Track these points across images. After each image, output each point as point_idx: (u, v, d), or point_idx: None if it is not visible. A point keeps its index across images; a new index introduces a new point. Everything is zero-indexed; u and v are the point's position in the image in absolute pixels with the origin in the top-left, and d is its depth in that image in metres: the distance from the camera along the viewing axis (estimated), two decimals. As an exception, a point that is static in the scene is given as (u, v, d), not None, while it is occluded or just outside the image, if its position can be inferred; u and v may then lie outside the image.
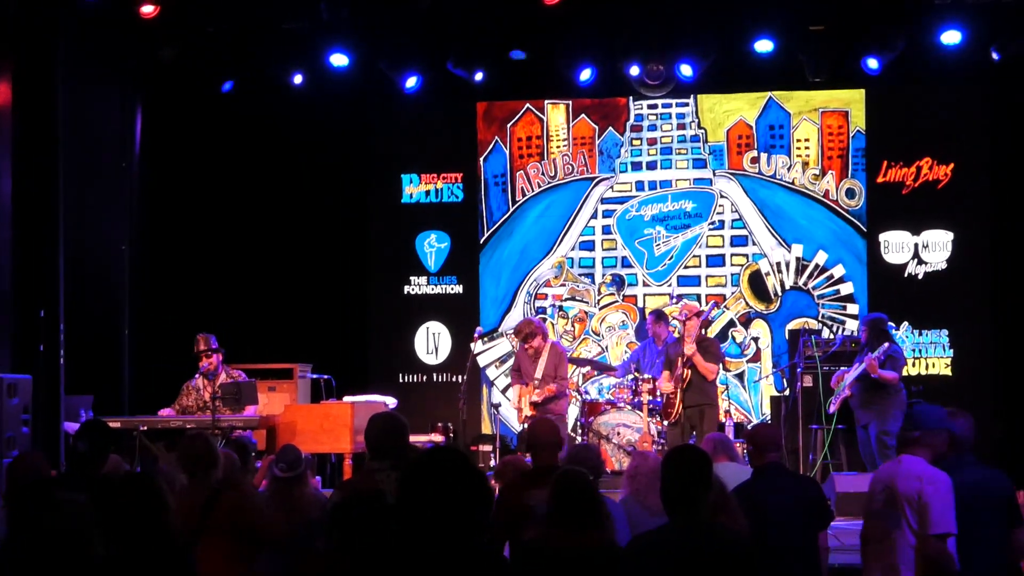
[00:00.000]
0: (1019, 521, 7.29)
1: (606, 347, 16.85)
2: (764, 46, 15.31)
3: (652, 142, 16.85)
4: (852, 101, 16.45)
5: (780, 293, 16.51)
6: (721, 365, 15.46)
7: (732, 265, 16.63)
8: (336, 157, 17.13)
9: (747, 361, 16.53)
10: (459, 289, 17.17)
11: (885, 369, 13.50)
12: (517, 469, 8.18)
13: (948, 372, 16.09)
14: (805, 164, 16.50)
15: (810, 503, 7.57)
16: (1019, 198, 15.81)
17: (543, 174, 17.03)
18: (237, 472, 7.81)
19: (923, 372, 16.02)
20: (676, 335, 14.08)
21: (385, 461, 7.01)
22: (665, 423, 13.90)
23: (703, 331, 14.25)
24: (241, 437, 12.63)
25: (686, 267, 16.71)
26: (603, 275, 16.91)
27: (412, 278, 17.22)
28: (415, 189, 17.26)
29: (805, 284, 16.44)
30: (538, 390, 13.81)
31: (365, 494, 6.38)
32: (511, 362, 14.83)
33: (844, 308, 16.32)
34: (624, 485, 8.37)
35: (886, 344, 13.54)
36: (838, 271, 16.37)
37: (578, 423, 15.06)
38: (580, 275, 16.96)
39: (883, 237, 16.33)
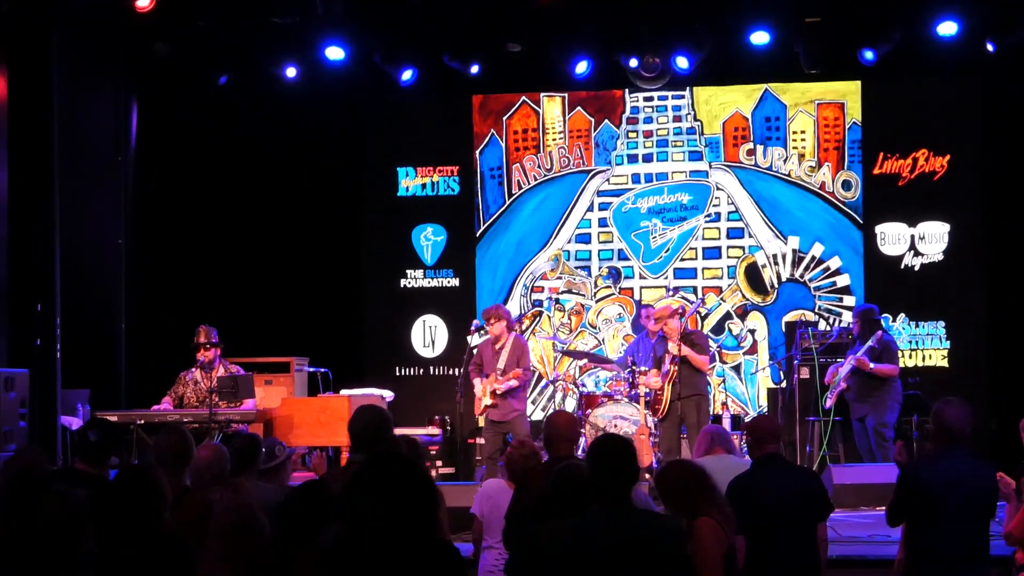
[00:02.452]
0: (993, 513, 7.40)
1: (603, 340, 16.85)
2: (760, 38, 15.29)
3: (648, 134, 16.85)
4: (848, 93, 16.45)
5: (776, 285, 16.51)
6: (716, 356, 15.50)
7: (728, 257, 16.63)
8: (332, 151, 17.12)
9: (744, 353, 16.53)
10: (455, 282, 17.18)
11: (881, 362, 13.53)
12: (527, 460, 8.10)
13: (945, 364, 16.10)
14: (801, 156, 16.50)
15: (809, 494, 7.56)
16: (1015, 189, 15.82)
17: (539, 167, 17.02)
18: (227, 468, 7.75)
19: (920, 364, 16.04)
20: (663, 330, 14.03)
21: (367, 454, 7.01)
22: (656, 418, 13.92)
23: (699, 324, 14.26)
24: (243, 431, 12.66)
25: (682, 259, 16.70)
26: (599, 268, 16.91)
27: (408, 271, 17.22)
28: (411, 182, 17.26)
29: (801, 276, 16.44)
30: (500, 378, 13.76)
31: (311, 487, 6.36)
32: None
33: (841, 300, 16.32)
34: None
35: (879, 332, 13.57)
36: (834, 263, 16.37)
37: (575, 416, 15.03)
38: (576, 268, 16.95)
39: (879, 229, 16.33)
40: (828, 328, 15.60)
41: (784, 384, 15.42)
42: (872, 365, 13.50)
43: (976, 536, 7.29)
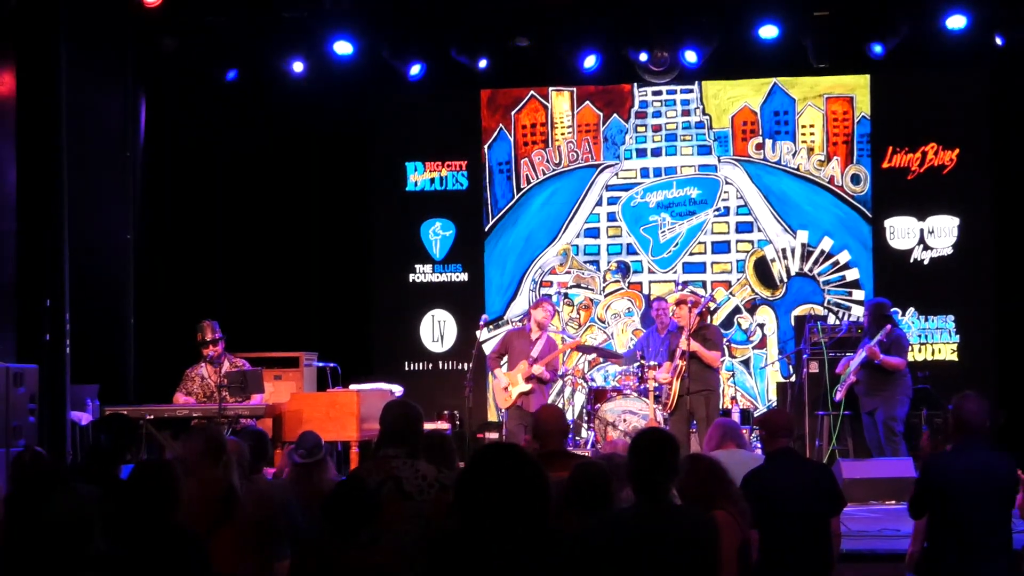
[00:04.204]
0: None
1: (611, 334, 16.85)
2: (768, 32, 15.29)
3: (657, 128, 16.83)
4: (857, 87, 16.42)
5: (786, 279, 16.50)
6: (727, 351, 15.46)
7: (737, 252, 16.63)
8: (340, 146, 17.13)
9: (753, 347, 16.52)
10: (464, 277, 17.17)
11: (890, 355, 13.48)
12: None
13: (955, 358, 16.08)
14: (810, 150, 16.48)
15: (822, 489, 7.56)
16: (1024, 183, 15.82)
17: (548, 161, 17.01)
18: (246, 462, 7.77)
19: (929, 358, 16.02)
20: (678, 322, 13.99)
21: (401, 448, 7.00)
22: (664, 413, 13.91)
23: (709, 319, 14.22)
24: (250, 426, 12.66)
25: (691, 254, 16.69)
26: (608, 262, 16.90)
27: (417, 266, 17.22)
28: (419, 177, 17.25)
29: (811, 270, 16.42)
30: (537, 364, 13.78)
31: (351, 483, 6.37)
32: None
33: (850, 294, 16.31)
34: None
35: (888, 327, 13.52)
36: (843, 257, 16.36)
37: (584, 410, 15.05)
38: (585, 262, 16.95)
39: (888, 223, 16.31)
40: (837, 322, 15.57)
41: (793, 378, 15.42)
42: (881, 356, 13.46)
43: (998, 527, 7.30)
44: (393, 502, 6.55)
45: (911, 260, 16.22)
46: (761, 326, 16.52)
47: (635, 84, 16.76)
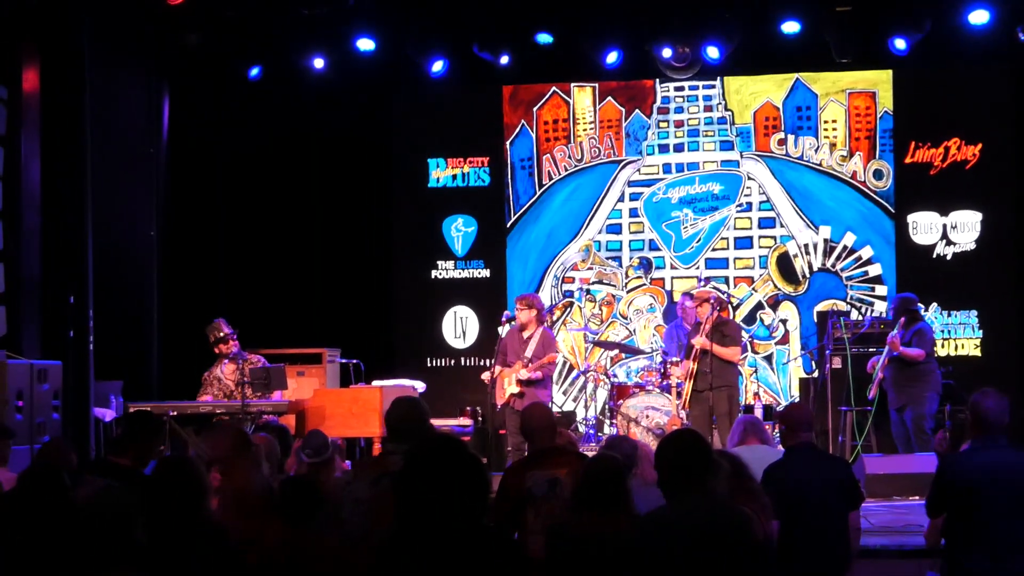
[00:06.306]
0: None
1: (634, 330, 16.83)
2: (791, 27, 15.29)
3: (679, 124, 16.82)
4: (879, 82, 16.39)
5: (808, 275, 16.47)
6: (749, 346, 15.45)
7: (760, 247, 16.60)
8: (362, 142, 17.15)
9: (775, 343, 16.50)
10: (486, 273, 17.18)
11: (911, 347, 13.43)
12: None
13: (978, 353, 16.03)
14: (832, 145, 16.45)
15: (841, 484, 7.56)
16: (1048, 178, 15.77)
17: (570, 157, 17.01)
18: (276, 458, 7.79)
19: (952, 353, 15.98)
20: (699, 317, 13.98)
21: (402, 444, 6.99)
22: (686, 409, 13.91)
23: (731, 314, 14.21)
24: (272, 422, 12.71)
25: (714, 249, 16.68)
26: (630, 258, 16.89)
27: (439, 262, 17.23)
28: (442, 173, 17.26)
29: (833, 266, 16.40)
30: (529, 366, 13.72)
31: (306, 477, 6.36)
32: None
33: (872, 289, 16.28)
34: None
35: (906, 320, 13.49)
36: (866, 252, 16.33)
37: (606, 406, 15.05)
38: (607, 258, 16.94)
39: (911, 218, 16.27)
40: (860, 317, 15.53)
41: (816, 374, 15.39)
42: (901, 347, 13.40)
43: (1018, 526, 7.24)
44: (386, 499, 6.53)
45: (934, 255, 16.19)
46: (784, 322, 16.50)
47: (657, 80, 16.74)
